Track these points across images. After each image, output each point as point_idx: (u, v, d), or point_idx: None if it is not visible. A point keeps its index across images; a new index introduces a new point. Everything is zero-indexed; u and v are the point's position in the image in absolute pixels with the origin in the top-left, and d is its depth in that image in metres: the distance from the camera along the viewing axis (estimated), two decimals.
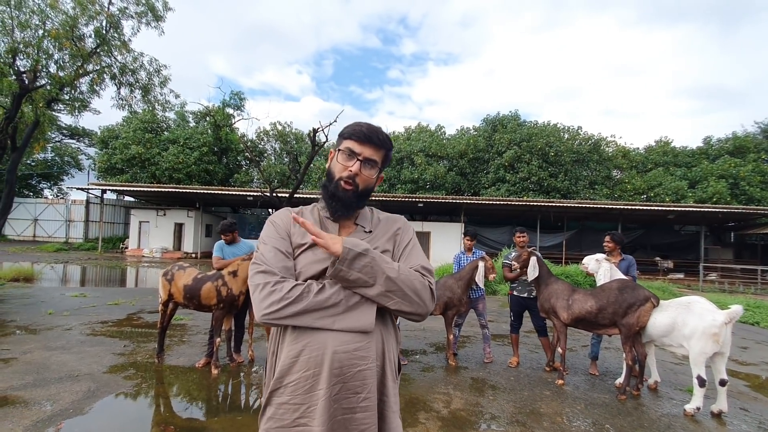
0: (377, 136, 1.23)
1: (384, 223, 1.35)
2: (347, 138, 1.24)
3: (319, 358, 1.09)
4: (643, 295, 3.95)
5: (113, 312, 7.14)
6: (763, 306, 9.48)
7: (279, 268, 1.15)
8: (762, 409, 3.94)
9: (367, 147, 1.23)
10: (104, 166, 24.32)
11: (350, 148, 1.23)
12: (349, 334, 1.11)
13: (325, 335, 1.10)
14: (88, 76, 9.88)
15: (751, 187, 22.15)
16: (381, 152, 1.26)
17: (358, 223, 1.31)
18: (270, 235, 1.24)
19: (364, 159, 1.22)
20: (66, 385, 3.75)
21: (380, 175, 1.33)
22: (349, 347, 1.10)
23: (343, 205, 1.23)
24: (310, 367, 1.10)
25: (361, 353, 1.11)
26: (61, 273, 13.47)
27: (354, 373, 1.10)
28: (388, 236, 1.31)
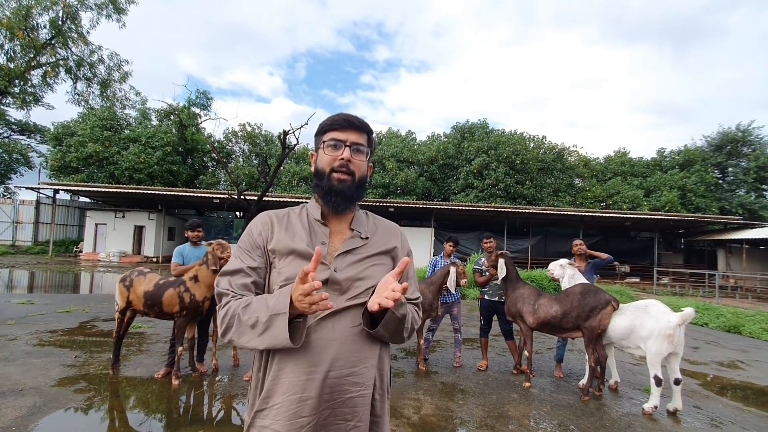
0: (356, 119, 1.20)
1: (382, 232, 1.27)
2: (328, 130, 1.20)
3: (309, 382, 1.03)
4: (605, 298, 4.11)
5: (64, 320, 6.68)
6: (711, 308, 10.12)
7: (237, 286, 1.12)
8: (713, 407, 4.18)
9: (351, 132, 1.18)
10: (57, 165, 22.86)
11: (334, 137, 1.18)
12: (343, 357, 1.06)
13: (314, 351, 1.04)
14: (41, 68, 9.31)
15: (697, 197, 23.73)
16: (364, 136, 1.22)
17: (353, 228, 1.22)
18: (241, 244, 1.20)
19: (351, 144, 1.17)
20: (8, 401, 3.45)
21: (370, 163, 1.27)
22: (342, 372, 1.05)
23: (343, 197, 1.17)
24: (297, 391, 1.03)
25: (355, 379, 1.07)
26: (7, 278, 12.52)
27: (345, 399, 1.06)
28: (386, 249, 1.23)
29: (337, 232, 1.21)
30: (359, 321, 1.10)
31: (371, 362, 1.11)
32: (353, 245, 1.18)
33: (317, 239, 1.17)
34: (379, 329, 1.07)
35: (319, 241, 1.17)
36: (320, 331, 1.06)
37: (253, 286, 1.13)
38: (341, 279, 1.12)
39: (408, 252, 1.31)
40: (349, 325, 1.09)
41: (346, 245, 1.17)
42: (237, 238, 19.97)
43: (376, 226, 1.28)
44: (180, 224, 23.07)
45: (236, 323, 1.04)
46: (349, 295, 1.11)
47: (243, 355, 4.96)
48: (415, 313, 1.19)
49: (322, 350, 1.05)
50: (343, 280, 1.12)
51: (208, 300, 4.06)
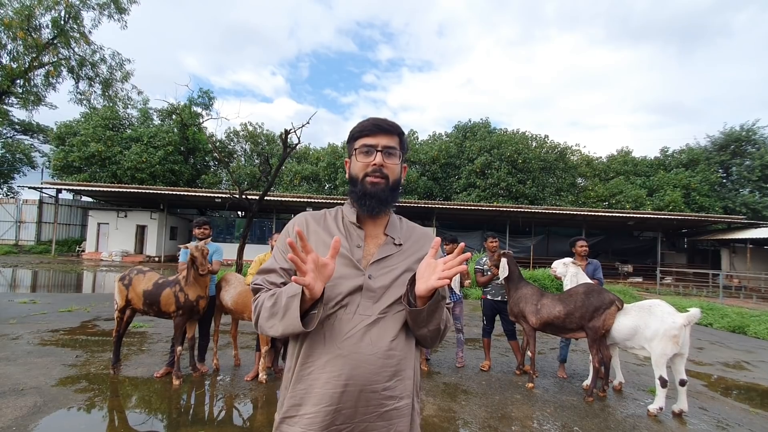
0: (386, 123, 1.20)
1: (415, 238, 1.26)
2: (359, 137, 1.20)
3: (344, 395, 1.03)
4: (609, 298, 4.06)
5: (65, 319, 6.68)
6: (716, 308, 10.05)
7: (268, 283, 1.16)
8: (719, 408, 4.13)
9: (381, 136, 1.18)
10: (60, 164, 22.90)
11: (365, 144, 1.18)
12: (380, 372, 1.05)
13: (351, 365, 1.03)
14: (43, 68, 9.31)
15: (701, 196, 23.62)
16: (395, 138, 1.21)
17: (387, 234, 1.21)
18: (278, 245, 1.23)
19: (382, 148, 1.17)
20: (9, 400, 3.44)
21: (404, 165, 1.27)
22: (378, 387, 1.05)
23: (378, 201, 1.16)
24: (333, 403, 1.03)
25: (390, 393, 1.06)
26: (9, 278, 12.56)
27: (381, 413, 1.05)
28: (420, 257, 1.20)
29: (372, 236, 1.21)
30: (394, 332, 1.09)
31: (407, 374, 1.11)
32: (388, 252, 1.17)
33: (353, 242, 1.17)
34: (424, 312, 1.05)
35: (355, 244, 1.17)
36: (357, 343, 1.05)
37: (283, 286, 1.14)
38: (376, 287, 1.10)
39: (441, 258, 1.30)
40: (385, 337, 1.08)
41: (381, 252, 1.16)
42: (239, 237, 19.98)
43: (410, 232, 1.27)
44: (182, 224, 23.10)
45: (262, 312, 1.08)
46: (384, 304, 1.10)
47: (244, 355, 4.94)
48: (448, 314, 1.19)
49: (359, 363, 1.03)
50: (378, 288, 1.11)
51: (203, 299, 4.03)
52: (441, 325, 1.13)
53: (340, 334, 1.05)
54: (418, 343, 1.18)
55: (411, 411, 1.13)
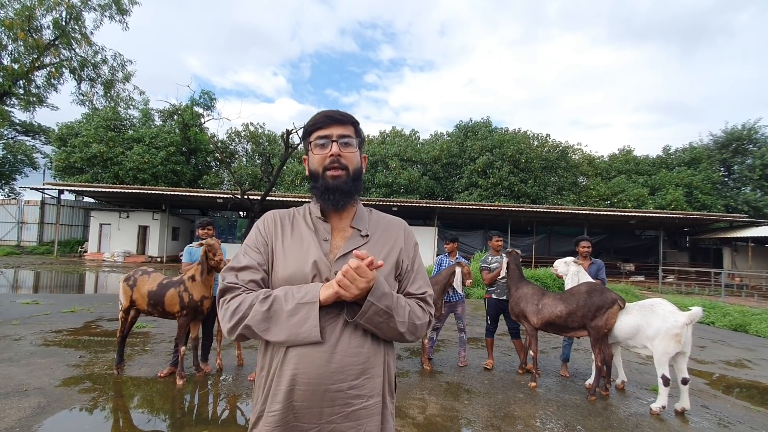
0: (338, 113, 1.18)
1: (384, 228, 1.24)
2: (312, 131, 1.19)
3: (308, 393, 1.01)
4: (611, 297, 4.06)
5: (69, 320, 6.70)
6: (718, 306, 10.03)
7: (245, 281, 1.10)
8: (721, 406, 4.13)
9: (335, 127, 1.16)
10: (62, 165, 22.95)
11: (319, 136, 1.17)
12: (346, 370, 1.03)
13: (314, 365, 1.01)
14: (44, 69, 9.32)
15: (703, 195, 23.57)
16: (350, 127, 1.19)
17: (354, 226, 1.20)
18: (248, 242, 1.19)
19: (338, 138, 1.15)
20: (12, 401, 3.45)
21: (363, 154, 1.25)
22: (343, 385, 1.03)
23: (341, 193, 1.15)
24: (296, 401, 1.02)
25: (357, 391, 1.04)
26: (12, 278, 12.59)
27: (348, 413, 1.03)
28: (390, 245, 1.20)
29: (339, 229, 1.20)
30: (362, 329, 1.07)
31: (375, 371, 1.09)
32: (354, 245, 1.15)
33: (320, 236, 1.16)
34: (361, 321, 1.03)
35: (321, 239, 1.16)
36: (324, 339, 1.03)
37: (261, 282, 1.12)
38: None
39: (414, 245, 1.27)
40: (352, 334, 1.06)
41: (348, 245, 1.15)
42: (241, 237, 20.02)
43: (378, 222, 1.25)
44: (184, 224, 23.14)
45: (253, 312, 1.02)
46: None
47: (247, 355, 4.95)
48: (416, 308, 1.15)
49: (325, 362, 1.02)
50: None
51: (207, 299, 4.04)
52: (403, 329, 1.09)
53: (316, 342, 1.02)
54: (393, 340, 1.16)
55: (382, 410, 1.10)
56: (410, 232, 1.29)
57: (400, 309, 1.08)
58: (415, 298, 1.19)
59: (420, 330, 1.14)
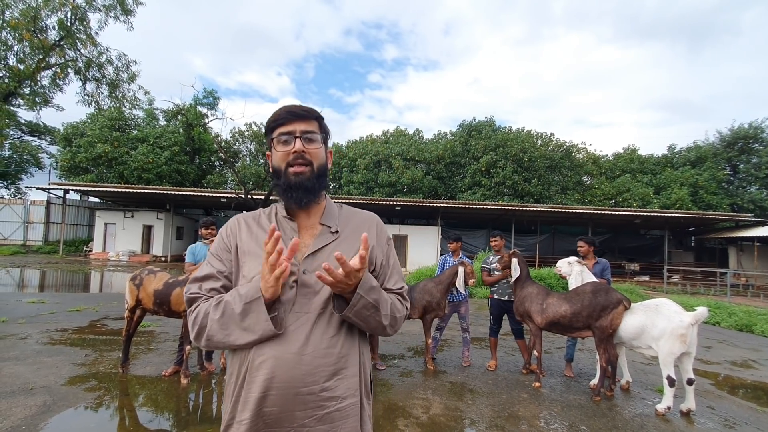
0: (300, 108, 1.14)
1: (354, 223, 1.21)
2: (274, 128, 1.15)
3: (279, 397, 0.98)
4: (616, 298, 4.03)
5: (74, 319, 6.74)
6: (723, 306, 9.96)
7: (206, 290, 1.09)
8: (727, 407, 4.10)
9: (297, 122, 1.12)
10: (67, 165, 23.11)
11: (282, 132, 1.12)
12: (317, 372, 1.00)
13: (283, 367, 0.98)
14: (50, 69, 9.39)
15: (708, 194, 23.42)
16: (313, 123, 1.15)
17: (323, 223, 1.17)
18: (212, 249, 1.18)
19: (301, 133, 1.12)
20: (19, 400, 3.48)
21: (328, 149, 1.21)
22: (315, 388, 1.00)
23: (304, 190, 1.11)
24: (267, 406, 0.99)
25: (329, 393, 1.02)
26: (18, 278, 12.69)
27: (321, 416, 1.01)
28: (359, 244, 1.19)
29: (307, 227, 1.16)
30: (334, 329, 1.05)
31: (349, 371, 1.06)
32: (324, 242, 1.12)
33: (286, 236, 1.12)
34: (350, 314, 1.02)
35: (288, 238, 1.11)
36: (293, 342, 1.00)
37: (223, 290, 1.10)
38: (311, 282, 1.06)
39: (387, 240, 1.25)
40: (324, 335, 1.03)
41: (317, 243, 1.12)
42: None
43: (349, 219, 1.21)
44: (188, 224, 23.24)
45: (209, 322, 1.01)
46: (322, 299, 1.05)
47: None
48: (396, 302, 1.15)
49: (294, 364, 0.99)
50: (314, 282, 1.05)
51: None
52: (386, 322, 1.08)
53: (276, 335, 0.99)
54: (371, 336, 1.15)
55: (359, 411, 1.08)
56: (383, 227, 1.26)
57: (384, 303, 1.08)
58: (392, 293, 1.18)
59: (399, 323, 1.15)
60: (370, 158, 24.22)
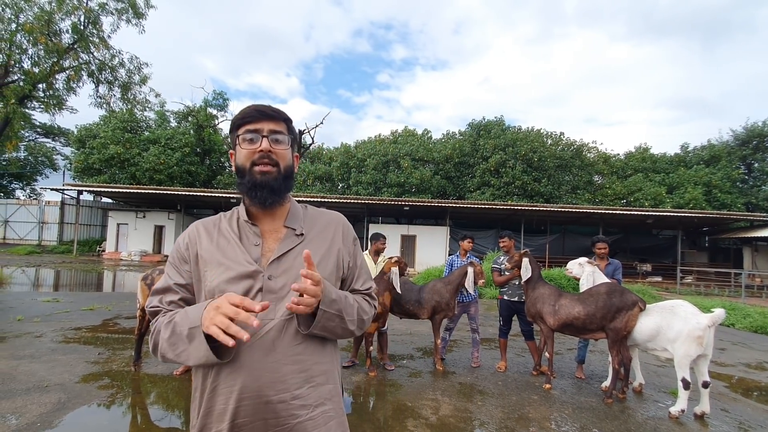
0: (269, 108, 1.11)
1: (319, 224, 1.17)
2: (241, 125, 1.10)
3: (249, 408, 0.96)
4: (631, 299, 3.96)
5: (88, 318, 6.85)
6: (738, 308, 9.76)
7: (166, 303, 1.07)
8: (741, 410, 4.01)
9: (265, 122, 1.09)
10: (81, 167, 23.53)
11: (248, 129, 1.08)
12: (287, 379, 0.98)
13: (252, 376, 0.96)
14: (64, 72, 9.54)
15: (723, 193, 22.98)
16: (281, 124, 1.11)
17: (288, 225, 1.13)
18: (170, 260, 1.14)
19: (268, 133, 1.08)
20: (34, 397, 3.54)
21: (295, 153, 1.18)
22: (285, 396, 0.97)
23: (270, 190, 1.07)
24: (238, 417, 0.96)
25: (301, 401, 0.99)
26: (33, 277, 12.94)
27: (293, 425, 0.98)
28: (327, 243, 1.15)
29: (271, 231, 1.12)
30: (302, 335, 1.02)
31: (321, 379, 1.04)
32: (289, 246, 1.08)
33: (249, 241, 1.09)
34: (315, 330, 1.00)
35: (252, 243, 1.08)
36: (259, 349, 0.97)
37: (183, 302, 1.08)
38: (277, 287, 1.02)
39: (353, 241, 1.23)
40: (292, 341, 1.00)
41: (282, 247, 1.08)
42: None
43: (314, 220, 1.18)
44: None
45: (161, 339, 0.99)
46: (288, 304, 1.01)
47: None
48: (364, 303, 1.14)
49: (261, 372, 0.96)
50: (279, 288, 1.02)
51: None
52: (353, 327, 1.07)
53: (241, 344, 0.91)
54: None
55: (334, 417, 1.05)
56: (349, 227, 1.23)
57: (349, 308, 1.06)
58: (361, 294, 1.18)
59: (367, 323, 1.14)
60: (378, 158, 24.22)
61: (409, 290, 4.84)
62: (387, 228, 19.87)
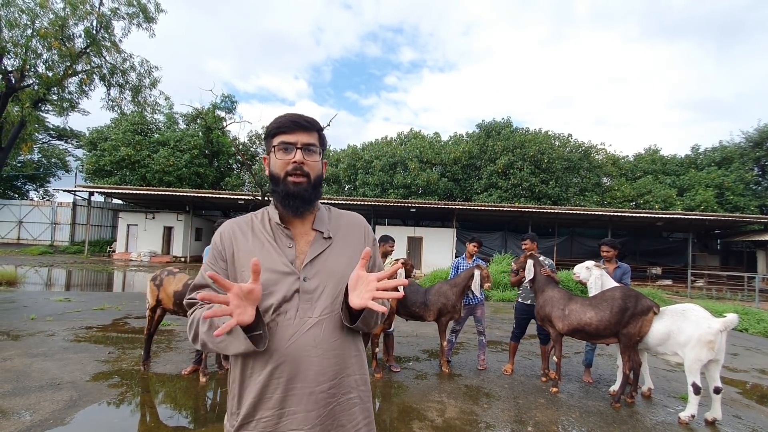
0: (304, 119, 1.18)
1: (345, 228, 1.26)
2: (276, 134, 1.17)
3: (295, 397, 1.06)
4: (646, 304, 3.89)
5: (98, 317, 6.95)
6: (751, 312, 9.59)
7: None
8: (755, 417, 3.95)
9: (300, 133, 1.16)
10: (92, 168, 23.89)
11: (283, 141, 1.15)
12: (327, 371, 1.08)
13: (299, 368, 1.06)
14: (76, 76, 9.72)
15: (735, 196, 22.61)
16: (314, 134, 1.19)
17: (315, 228, 1.20)
18: (208, 258, 1.20)
19: (302, 146, 1.15)
20: (47, 394, 3.61)
21: (324, 160, 1.26)
22: (324, 386, 1.08)
23: (301, 200, 1.15)
24: (285, 406, 1.06)
25: (334, 390, 1.10)
26: (46, 277, 13.15)
27: (328, 411, 1.09)
28: (353, 246, 1.23)
29: (301, 234, 1.20)
30: (337, 332, 1.11)
31: (353, 369, 1.15)
32: (319, 249, 1.17)
33: (282, 244, 1.16)
34: (359, 323, 1.10)
35: (285, 245, 1.16)
36: (303, 344, 1.07)
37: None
38: (312, 288, 1.11)
39: (373, 241, 1.31)
40: (329, 337, 1.10)
41: (313, 251, 1.16)
42: None
43: (338, 222, 1.26)
44: (207, 225, 23.69)
45: (200, 332, 1.05)
46: (323, 304, 1.11)
47: None
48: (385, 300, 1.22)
49: (306, 365, 1.06)
50: (314, 289, 1.11)
51: None
52: (379, 320, 1.17)
53: (283, 340, 1.05)
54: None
55: (359, 404, 1.15)
56: (370, 229, 1.32)
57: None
58: None
59: (382, 319, 1.22)
60: (385, 160, 24.23)
61: (415, 292, 4.84)
62: (393, 229, 19.86)
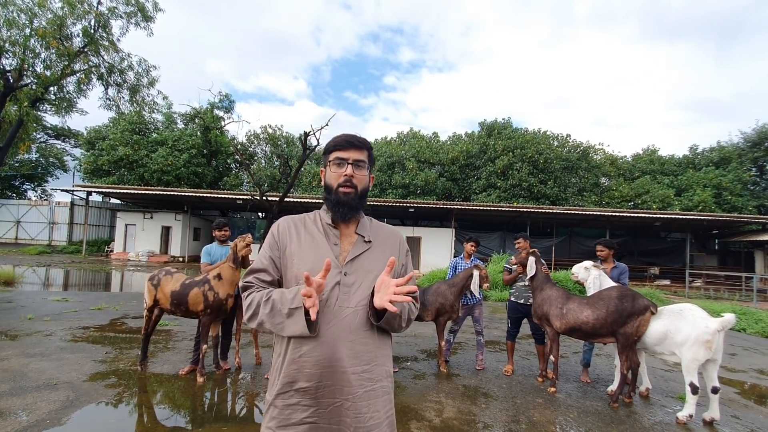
0: (356, 139, 1.37)
1: (383, 237, 1.43)
2: (332, 151, 1.38)
3: (330, 374, 1.21)
4: (643, 304, 3.90)
5: (96, 317, 6.93)
6: (750, 312, 9.62)
7: (259, 281, 1.34)
8: (753, 417, 3.95)
9: (352, 151, 1.36)
10: (90, 168, 23.80)
11: (338, 156, 1.36)
12: (359, 356, 1.24)
13: (336, 350, 1.21)
14: (74, 75, 9.68)
15: (733, 196, 22.67)
16: (364, 152, 1.38)
17: (358, 233, 1.39)
18: (265, 246, 1.39)
19: (353, 162, 1.35)
20: (43, 394, 3.59)
21: (371, 174, 1.45)
22: (357, 369, 1.23)
23: (349, 208, 1.34)
24: (322, 380, 1.21)
25: (369, 375, 1.26)
26: (43, 276, 13.11)
27: (361, 393, 1.23)
28: (389, 251, 1.40)
29: (346, 235, 1.39)
30: (370, 323, 1.27)
31: (382, 360, 1.30)
32: (360, 250, 1.35)
33: (330, 241, 1.35)
34: (383, 322, 1.26)
35: (332, 243, 1.35)
36: (339, 330, 1.23)
37: (273, 282, 1.35)
38: (350, 282, 1.29)
39: (407, 254, 1.49)
40: (362, 326, 1.26)
41: (355, 250, 1.34)
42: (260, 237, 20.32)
43: (378, 231, 1.45)
44: (205, 225, 23.64)
45: (260, 312, 1.24)
46: (358, 297, 1.28)
47: (265, 354, 5.02)
48: (412, 306, 1.36)
49: (341, 348, 1.22)
50: (352, 283, 1.29)
51: (232, 298, 4.11)
52: (403, 324, 1.33)
53: (324, 324, 1.22)
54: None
55: (387, 393, 1.32)
56: (404, 241, 1.51)
57: (404, 310, 1.32)
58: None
59: (410, 322, 1.39)
60: (384, 160, 24.23)
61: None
62: None
